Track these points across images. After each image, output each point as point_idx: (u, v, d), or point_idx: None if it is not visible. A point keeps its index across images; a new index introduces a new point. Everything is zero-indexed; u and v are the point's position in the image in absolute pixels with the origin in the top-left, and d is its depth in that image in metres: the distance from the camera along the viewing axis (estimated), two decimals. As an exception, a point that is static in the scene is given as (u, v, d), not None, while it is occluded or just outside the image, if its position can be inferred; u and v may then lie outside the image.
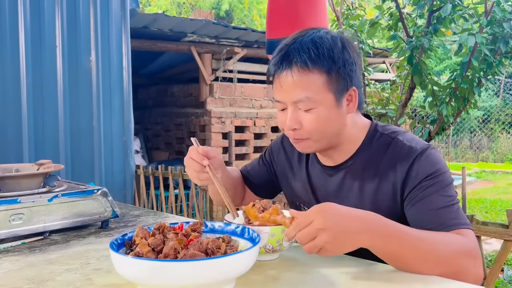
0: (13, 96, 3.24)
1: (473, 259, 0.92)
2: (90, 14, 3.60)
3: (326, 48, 1.03)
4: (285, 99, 1.06)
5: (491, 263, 3.25)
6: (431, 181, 1.01)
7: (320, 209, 0.85)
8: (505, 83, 11.62)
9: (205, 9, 12.46)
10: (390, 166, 1.06)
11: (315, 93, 1.02)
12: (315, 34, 1.06)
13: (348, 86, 1.06)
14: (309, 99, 1.03)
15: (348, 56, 1.05)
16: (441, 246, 0.89)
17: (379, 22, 3.11)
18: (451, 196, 1.00)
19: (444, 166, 1.04)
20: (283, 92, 1.06)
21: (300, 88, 1.03)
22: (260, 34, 4.84)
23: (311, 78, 1.02)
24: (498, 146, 11.10)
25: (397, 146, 1.07)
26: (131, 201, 3.90)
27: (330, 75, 1.03)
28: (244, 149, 5.16)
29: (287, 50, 1.05)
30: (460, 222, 0.97)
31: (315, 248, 0.83)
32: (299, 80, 1.02)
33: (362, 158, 1.11)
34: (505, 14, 2.60)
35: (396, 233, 0.88)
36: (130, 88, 3.88)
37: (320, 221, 0.83)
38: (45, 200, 1.22)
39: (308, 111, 1.04)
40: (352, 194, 1.12)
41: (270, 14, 2.34)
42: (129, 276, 0.75)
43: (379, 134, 1.12)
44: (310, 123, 1.04)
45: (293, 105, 1.05)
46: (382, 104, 3.63)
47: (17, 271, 0.95)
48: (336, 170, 1.15)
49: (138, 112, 5.55)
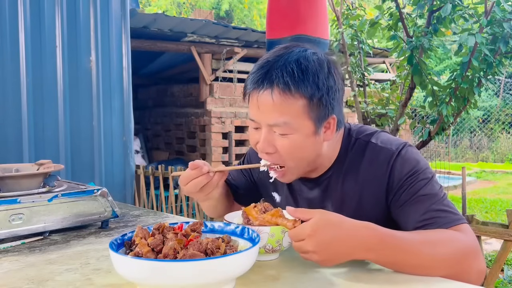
0: (13, 96, 3.25)
1: (474, 255, 0.90)
2: (90, 14, 3.60)
3: (311, 72, 0.96)
4: (260, 120, 1.00)
5: (491, 263, 3.25)
6: (413, 181, 0.99)
7: (310, 233, 0.83)
8: (505, 83, 11.62)
9: (205, 9, 12.47)
10: (369, 171, 1.04)
11: (294, 119, 0.96)
12: (301, 54, 0.98)
13: (329, 114, 1.00)
14: (286, 125, 0.97)
15: (333, 83, 0.99)
16: (441, 249, 0.88)
17: (379, 22, 3.11)
18: (436, 192, 0.98)
19: (423, 163, 1.02)
20: (260, 113, 0.99)
21: (279, 112, 0.96)
22: (260, 34, 4.84)
23: (291, 102, 0.95)
24: (498, 146, 11.11)
25: (373, 150, 1.05)
26: (131, 201, 3.90)
27: (312, 102, 0.96)
28: (244, 149, 5.16)
29: (269, 68, 0.98)
30: (453, 219, 0.95)
31: (309, 259, 0.86)
32: (279, 103, 0.95)
33: (341, 168, 1.09)
34: (505, 14, 2.59)
35: (393, 243, 0.86)
36: (130, 88, 3.88)
37: (309, 244, 0.83)
38: (45, 200, 1.22)
39: (283, 136, 0.98)
40: (334, 204, 1.10)
41: (270, 14, 2.34)
42: (128, 276, 0.75)
43: (353, 140, 1.09)
44: (284, 149, 0.99)
45: (268, 127, 0.99)
46: (382, 104, 3.63)
47: (17, 271, 0.95)
48: (315, 183, 1.13)
49: (138, 112, 5.55)
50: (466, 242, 0.91)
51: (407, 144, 1.05)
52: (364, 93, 3.79)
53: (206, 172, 1.01)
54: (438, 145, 9.10)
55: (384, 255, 0.86)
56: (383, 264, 0.89)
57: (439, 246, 0.88)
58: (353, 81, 3.64)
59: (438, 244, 0.89)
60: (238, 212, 1.08)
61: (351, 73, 3.61)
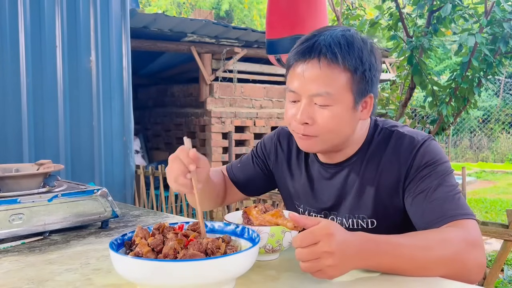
0: (13, 96, 3.25)
1: (473, 250, 0.89)
2: (90, 14, 3.60)
3: (357, 47, 0.99)
4: (302, 90, 1.01)
5: (491, 263, 3.25)
6: (430, 172, 0.99)
7: (329, 232, 0.79)
8: (505, 83, 11.62)
9: (205, 9, 12.46)
10: (392, 158, 1.05)
11: (337, 90, 0.98)
12: (346, 32, 1.02)
13: (368, 91, 1.03)
14: (328, 95, 0.98)
15: (374, 61, 1.03)
16: (437, 250, 0.87)
17: (379, 22, 3.11)
18: (451, 186, 0.98)
19: (444, 157, 1.02)
20: (303, 83, 1.00)
21: (324, 82, 0.98)
22: (260, 34, 4.84)
23: (337, 73, 0.98)
24: (498, 146, 11.11)
25: (398, 137, 1.06)
26: (131, 201, 3.90)
27: (355, 75, 0.99)
28: (244, 149, 5.16)
29: (317, 40, 1.00)
30: (461, 213, 0.94)
31: (314, 268, 0.80)
32: (325, 73, 0.98)
33: (364, 155, 1.09)
34: (505, 14, 2.59)
35: (390, 249, 0.85)
36: (130, 88, 3.88)
37: (328, 244, 0.78)
38: (45, 200, 1.22)
39: (324, 108, 0.99)
40: (353, 191, 1.10)
41: (270, 14, 2.34)
42: (128, 276, 0.75)
43: (379, 129, 1.10)
44: (324, 121, 1.00)
45: (309, 99, 1.00)
46: (382, 104, 3.63)
47: (17, 271, 0.95)
48: (338, 168, 1.12)
49: (138, 112, 5.55)
50: (466, 237, 0.90)
51: (431, 137, 1.06)
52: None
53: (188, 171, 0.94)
54: (438, 145, 9.09)
55: (381, 263, 0.85)
56: (382, 270, 0.88)
57: (435, 247, 0.87)
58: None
59: (436, 244, 0.88)
60: (238, 212, 1.08)
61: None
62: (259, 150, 1.31)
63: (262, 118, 5.35)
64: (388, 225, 1.06)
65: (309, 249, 0.79)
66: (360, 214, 1.09)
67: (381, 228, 1.05)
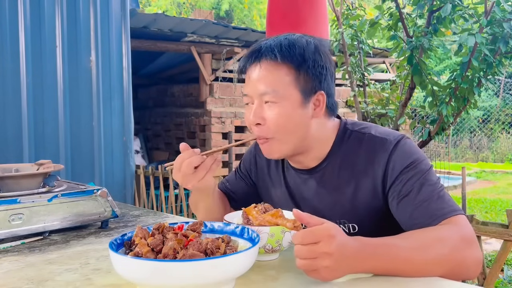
0: (13, 96, 3.25)
1: (469, 246, 0.90)
2: (90, 14, 3.60)
3: (298, 46, 1.03)
4: (251, 92, 1.06)
5: (491, 263, 3.25)
6: (410, 173, 1.00)
7: (331, 233, 0.80)
8: (505, 83, 11.62)
9: (205, 9, 12.46)
10: (367, 162, 1.05)
11: (282, 88, 1.02)
12: (290, 35, 1.07)
13: (316, 89, 1.04)
14: (275, 93, 1.02)
15: (319, 59, 1.04)
16: (433, 250, 0.87)
17: (379, 22, 3.10)
18: (434, 184, 0.99)
19: (420, 155, 1.03)
20: (250, 85, 1.06)
21: (267, 81, 1.03)
22: (260, 34, 4.84)
23: (279, 72, 1.02)
24: (498, 146, 11.11)
25: (371, 140, 1.06)
26: (131, 201, 3.90)
27: (299, 73, 1.02)
28: (244, 149, 5.16)
29: (260, 45, 1.06)
30: (449, 210, 0.95)
31: (310, 267, 0.80)
32: (267, 72, 1.03)
33: (336, 159, 1.10)
34: (505, 14, 2.59)
35: (386, 252, 0.85)
36: (130, 88, 3.88)
37: (328, 245, 0.78)
38: (44, 200, 1.22)
39: (272, 106, 1.03)
40: (330, 196, 1.10)
41: (271, 14, 2.34)
42: (128, 276, 0.75)
43: (349, 132, 1.11)
44: (273, 119, 1.03)
45: (259, 99, 1.04)
46: (382, 104, 3.63)
47: (16, 271, 0.95)
48: (311, 173, 1.13)
49: (138, 112, 5.55)
50: (461, 233, 0.90)
51: (405, 136, 1.07)
52: (364, 93, 3.79)
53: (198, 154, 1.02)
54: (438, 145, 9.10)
55: (378, 266, 0.84)
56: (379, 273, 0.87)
57: (432, 247, 0.87)
58: (353, 81, 3.64)
59: (429, 246, 0.87)
60: (238, 212, 1.08)
61: (351, 73, 3.61)
62: (242, 166, 1.35)
63: (262, 118, 5.35)
64: (371, 228, 1.06)
65: (309, 247, 0.79)
66: (341, 219, 1.10)
67: (363, 232, 1.05)
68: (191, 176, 1.02)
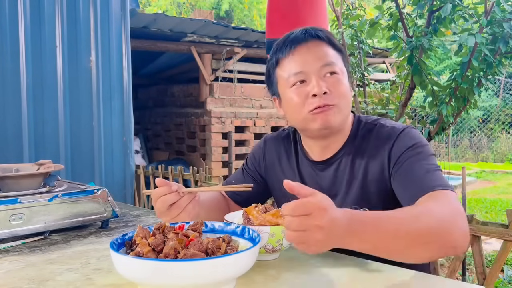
0: (13, 96, 3.25)
1: (457, 218, 0.89)
2: (90, 14, 3.60)
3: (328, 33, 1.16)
4: (311, 66, 1.10)
5: (491, 263, 3.25)
6: (411, 153, 1.06)
7: (323, 206, 0.77)
8: (505, 83, 11.62)
9: (205, 9, 12.46)
10: (376, 148, 1.11)
11: (339, 63, 1.13)
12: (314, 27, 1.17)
13: (350, 77, 1.16)
14: (334, 64, 1.11)
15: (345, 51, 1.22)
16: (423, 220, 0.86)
17: (379, 22, 3.10)
18: (431, 163, 1.04)
19: (424, 141, 1.09)
20: (310, 59, 1.11)
21: (328, 54, 1.12)
22: (260, 34, 4.84)
23: (330, 49, 1.13)
24: (498, 146, 11.11)
25: (380, 129, 1.14)
26: (131, 201, 3.90)
27: (342, 55, 1.16)
28: (244, 149, 5.16)
29: (300, 31, 1.14)
30: (440, 184, 0.98)
31: (299, 239, 0.77)
32: (322, 48, 1.12)
33: (351, 149, 1.16)
34: (505, 14, 2.59)
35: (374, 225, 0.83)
36: (130, 88, 3.88)
37: (319, 218, 0.76)
38: (45, 200, 1.22)
39: (334, 77, 1.10)
40: (344, 185, 1.15)
41: (270, 14, 2.34)
42: (129, 276, 0.75)
43: (363, 124, 1.18)
44: (339, 89, 1.10)
45: (319, 72, 1.10)
46: (382, 104, 3.63)
47: (17, 271, 0.95)
48: (327, 164, 1.18)
49: (138, 112, 5.55)
50: (446, 208, 0.90)
51: (411, 126, 1.13)
52: (364, 93, 3.79)
53: (175, 190, 0.99)
54: (438, 145, 9.11)
55: (365, 240, 0.82)
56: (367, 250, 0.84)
57: (418, 219, 0.86)
58: (353, 81, 3.64)
59: (417, 217, 0.87)
60: (238, 212, 1.08)
61: (351, 73, 3.60)
62: (249, 163, 1.36)
63: (262, 118, 5.36)
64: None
65: (300, 219, 0.76)
66: (352, 205, 1.13)
67: None
68: (164, 213, 1.00)
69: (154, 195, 1.01)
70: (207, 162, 4.98)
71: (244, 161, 1.39)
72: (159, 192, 0.99)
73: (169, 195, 0.98)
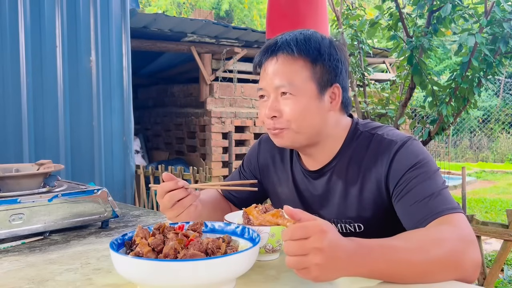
0: (13, 96, 3.25)
1: (468, 248, 0.86)
2: (90, 14, 3.60)
3: (313, 41, 1.06)
4: (267, 86, 1.07)
5: (491, 263, 3.25)
6: (415, 172, 0.98)
7: (323, 229, 0.74)
8: (505, 83, 11.62)
9: (205, 9, 12.46)
10: (372, 162, 1.05)
11: (298, 81, 1.03)
12: (305, 31, 1.09)
13: (332, 81, 1.06)
14: (291, 86, 1.03)
15: (334, 53, 1.07)
16: (436, 250, 0.83)
17: (379, 22, 3.11)
18: (437, 183, 0.97)
19: (427, 156, 1.01)
20: (267, 79, 1.07)
21: (284, 75, 1.04)
22: (260, 34, 4.84)
23: (295, 65, 1.04)
24: (498, 146, 11.11)
25: (378, 141, 1.06)
26: (131, 201, 3.90)
27: (315, 66, 1.04)
28: (244, 149, 5.16)
29: (276, 40, 1.08)
30: (447, 208, 0.93)
31: (300, 264, 0.74)
32: (284, 66, 1.04)
33: (345, 158, 1.10)
34: (505, 14, 2.59)
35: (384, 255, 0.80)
36: (130, 88, 3.88)
37: (319, 240, 0.73)
38: (45, 200, 1.22)
39: (288, 99, 1.04)
40: (337, 196, 1.10)
41: (270, 14, 2.34)
42: (129, 276, 0.75)
43: (359, 132, 1.11)
44: (289, 111, 1.04)
45: (275, 93, 1.06)
46: (382, 104, 3.63)
47: (17, 271, 0.95)
48: (319, 173, 1.13)
49: (138, 112, 5.55)
50: (457, 236, 0.87)
51: (412, 137, 1.06)
52: (364, 93, 3.80)
53: (181, 186, 1.01)
54: (438, 145, 9.11)
55: (375, 269, 0.79)
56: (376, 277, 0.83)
57: (431, 248, 0.84)
58: (353, 81, 3.64)
59: (427, 247, 0.84)
60: (238, 212, 1.08)
61: (351, 73, 3.61)
62: (245, 165, 1.34)
63: (262, 118, 5.35)
64: (376, 229, 1.06)
65: (299, 243, 0.74)
66: (347, 218, 1.10)
67: (369, 232, 1.05)
68: (168, 210, 1.03)
69: (160, 189, 1.01)
70: (207, 162, 4.98)
71: (241, 162, 1.38)
72: (165, 187, 1.01)
73: (177, 191, 1.00)
